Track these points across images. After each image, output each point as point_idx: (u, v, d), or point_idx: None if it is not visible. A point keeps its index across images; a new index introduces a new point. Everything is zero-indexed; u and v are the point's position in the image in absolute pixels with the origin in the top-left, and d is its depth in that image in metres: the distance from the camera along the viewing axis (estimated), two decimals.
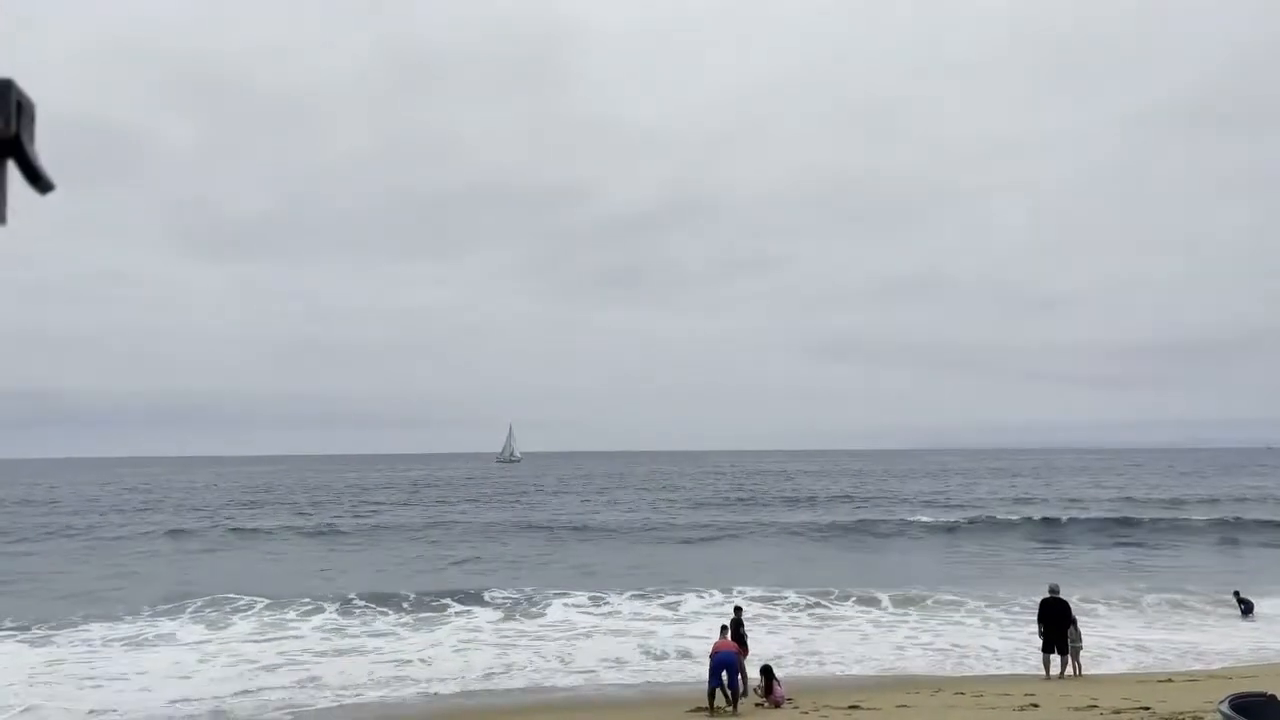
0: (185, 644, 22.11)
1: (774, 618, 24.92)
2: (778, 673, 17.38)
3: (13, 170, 0.96)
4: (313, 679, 19.12)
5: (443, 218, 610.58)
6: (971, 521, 49.17)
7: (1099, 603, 26.60)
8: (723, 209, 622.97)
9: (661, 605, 26.22)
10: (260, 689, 18.38)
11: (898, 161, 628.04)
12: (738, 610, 20.57)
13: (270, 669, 19.93)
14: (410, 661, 20.75)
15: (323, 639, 22.74)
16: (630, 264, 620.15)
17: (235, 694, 18.00)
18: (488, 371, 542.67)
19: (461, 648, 22.14)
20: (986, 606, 26.13)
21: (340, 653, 21.52)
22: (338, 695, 18.08)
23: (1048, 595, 19.61)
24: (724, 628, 19.28)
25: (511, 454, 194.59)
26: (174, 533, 48.07)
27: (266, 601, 26.31)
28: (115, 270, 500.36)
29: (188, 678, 19.03)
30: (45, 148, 0.94)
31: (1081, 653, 19.28)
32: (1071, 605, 19.83)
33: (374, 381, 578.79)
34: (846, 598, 26.78)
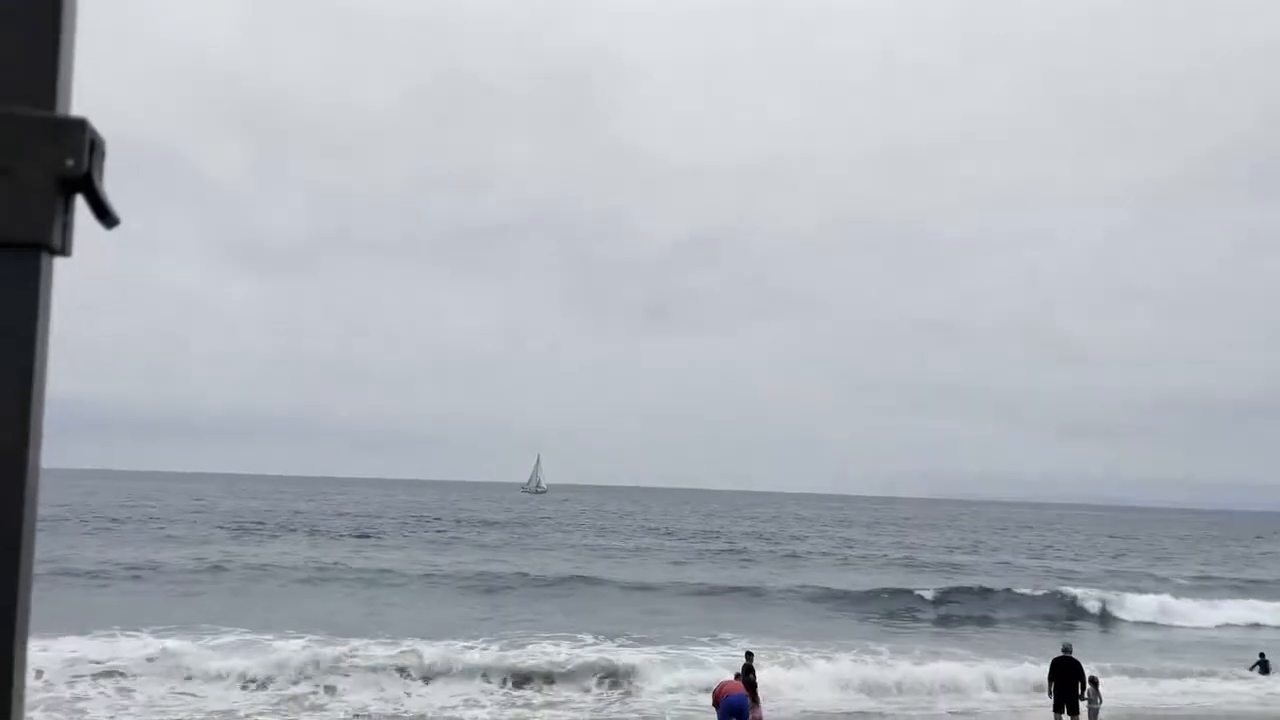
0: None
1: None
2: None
3: (81, 205, 1.00)
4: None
5: (478, 245, 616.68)
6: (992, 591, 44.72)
7: (1114, 668, 26.22)
8: (754, 246, 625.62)
9: (659, 652, 26.10)
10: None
11: (931, 204, 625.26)
12: (749, 655, 20.50)
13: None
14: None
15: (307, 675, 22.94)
16: (662, 297, 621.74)
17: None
18: (518, 400, 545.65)
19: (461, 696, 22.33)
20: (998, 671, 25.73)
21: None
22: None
23: (1060, 654, 19.48)
24: (737, 675, 19.29)
25: (538, 485, 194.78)
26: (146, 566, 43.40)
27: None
28: (153, 285, 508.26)
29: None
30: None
31: (1100, 712, 19.09)
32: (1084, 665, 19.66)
33: (404, 406, 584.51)
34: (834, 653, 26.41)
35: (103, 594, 34.72)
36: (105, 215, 1.01)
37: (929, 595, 41.65)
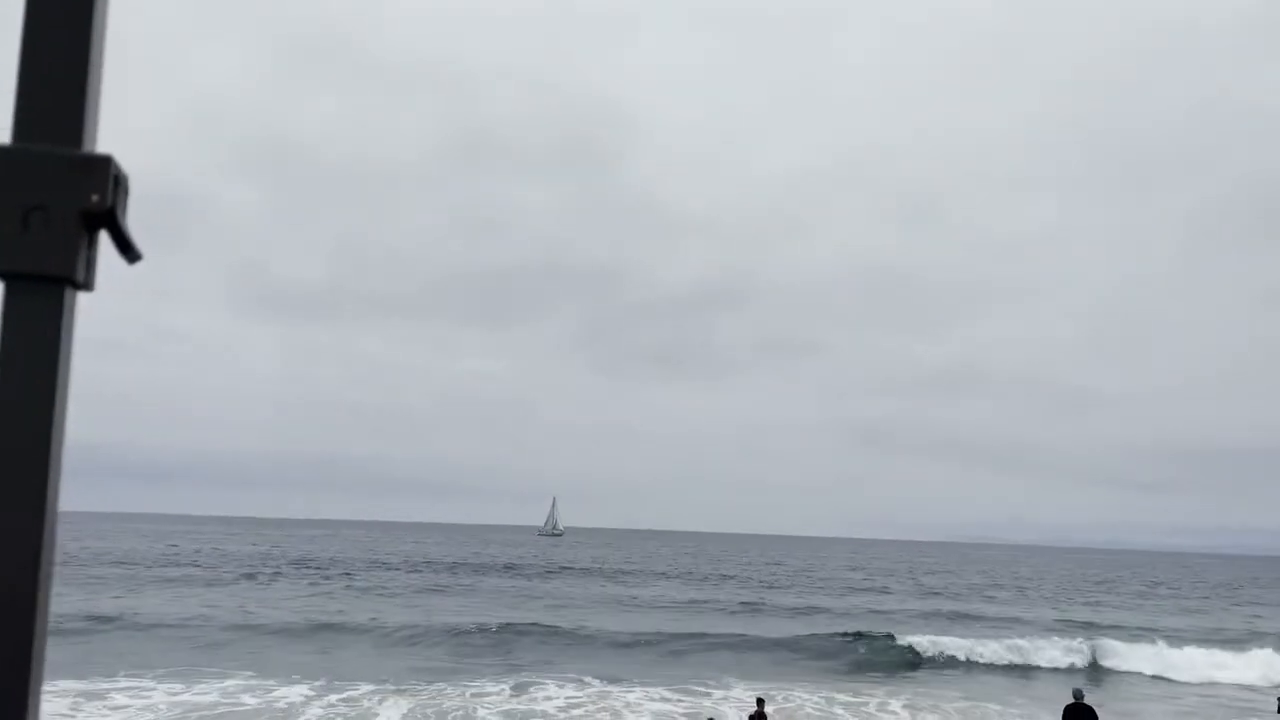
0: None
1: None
2: None
3: (105, 241, 1.01)
4: None
5: (493, 291, 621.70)
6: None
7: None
8: (766, 294, 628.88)
9: (660, 695, 25.82)
10: None
11: (941, 253, 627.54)
12: (760, 702, 20.34)
13: None
14: None
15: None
16: (674, 344, 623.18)
17: None
18: (533, 444, 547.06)
19: None
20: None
21: None
22: None
23: (1071, 701, 18.99)
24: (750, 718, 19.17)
25: (554, 527, 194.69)
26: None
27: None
28: (170, 330, 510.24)
29: None
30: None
31: None
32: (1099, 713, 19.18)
33: (421, 451, 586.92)
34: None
35: (108, 640, 34.47)
36: (128, 250, 1.04)
37: (927, 640, 39.78)
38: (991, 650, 38.83)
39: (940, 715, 25.51)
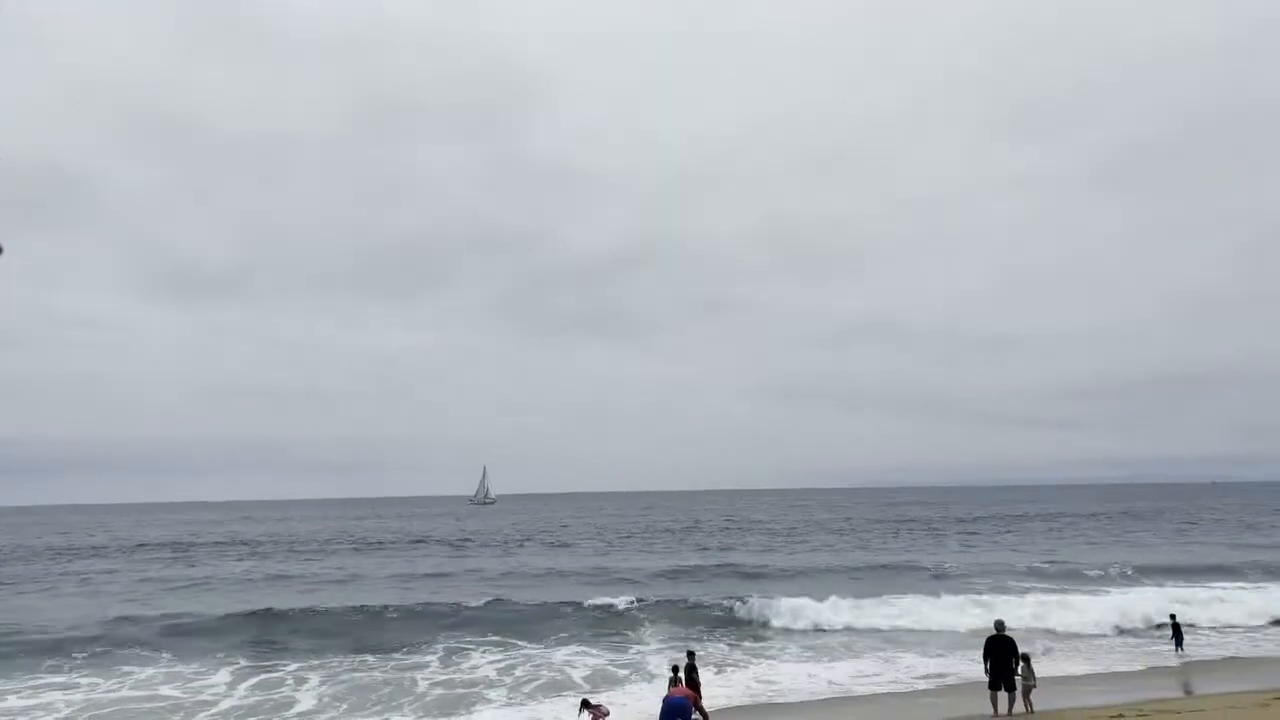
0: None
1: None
2: None
3: None
4: None
5: (410, 261, 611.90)
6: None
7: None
8: (684, 254, 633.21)
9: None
10: None
11: (854, 210, 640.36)
12: (691, 655, 20.47)
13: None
14: None
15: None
16: (595, 307, 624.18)
17: None
18: (461, 412, 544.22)
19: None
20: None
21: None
22: None
23: (993, 632, 19.50)
24: (674, 668, 19.22)
25: (486, 495, 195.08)
26: None
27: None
28: (70, 314, 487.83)
29: None
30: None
31: (1034, 691, 19.17)
32: (1018, 642, 19.75)
33: (346, 426, 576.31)
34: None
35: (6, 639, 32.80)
36: None
37: (829, 600, 36.26)
38: (889, 604, 35.99)
39: (840, 654, 26.55)
